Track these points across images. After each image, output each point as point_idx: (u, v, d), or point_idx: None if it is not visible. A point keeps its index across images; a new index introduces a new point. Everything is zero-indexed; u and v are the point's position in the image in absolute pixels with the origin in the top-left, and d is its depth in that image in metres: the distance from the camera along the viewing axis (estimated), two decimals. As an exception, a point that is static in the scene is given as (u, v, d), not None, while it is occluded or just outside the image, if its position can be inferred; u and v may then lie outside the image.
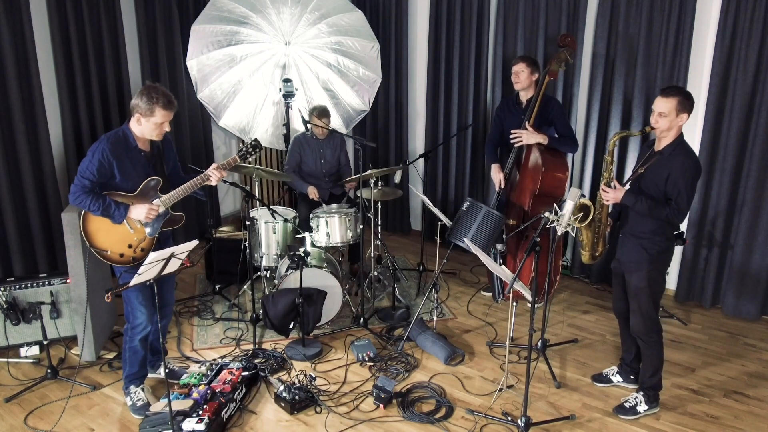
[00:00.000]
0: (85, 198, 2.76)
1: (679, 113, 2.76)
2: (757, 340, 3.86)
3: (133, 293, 2.94)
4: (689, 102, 2.76)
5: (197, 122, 5.35)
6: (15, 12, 3.80)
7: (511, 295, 3.14)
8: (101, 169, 2.76)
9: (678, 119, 2.77)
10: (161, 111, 2.73)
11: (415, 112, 5.63)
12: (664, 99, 2.76)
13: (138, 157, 2.87)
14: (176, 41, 4.99)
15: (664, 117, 2.77)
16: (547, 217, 2.76)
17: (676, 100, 2.74)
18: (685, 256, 4.26)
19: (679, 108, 2.75)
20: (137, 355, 3.08)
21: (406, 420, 3.00)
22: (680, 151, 2.79)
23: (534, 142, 3.85)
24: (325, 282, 3.81)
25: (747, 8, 3.68)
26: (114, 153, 2.77)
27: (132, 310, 3.00)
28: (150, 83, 2.80)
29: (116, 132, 2.85)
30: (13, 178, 3.95)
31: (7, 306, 3.38)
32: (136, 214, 2.87)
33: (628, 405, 3.08)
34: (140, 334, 3.03)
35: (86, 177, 2.76)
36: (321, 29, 5.00)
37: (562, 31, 4.39)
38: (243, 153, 3.12)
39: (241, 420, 3.02)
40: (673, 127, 2.79)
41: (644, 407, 3.06)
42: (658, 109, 2.78)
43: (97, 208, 2.79)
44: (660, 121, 2.78)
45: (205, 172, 2.97)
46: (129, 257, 2.95)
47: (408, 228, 5.97)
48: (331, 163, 4.70)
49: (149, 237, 2.97)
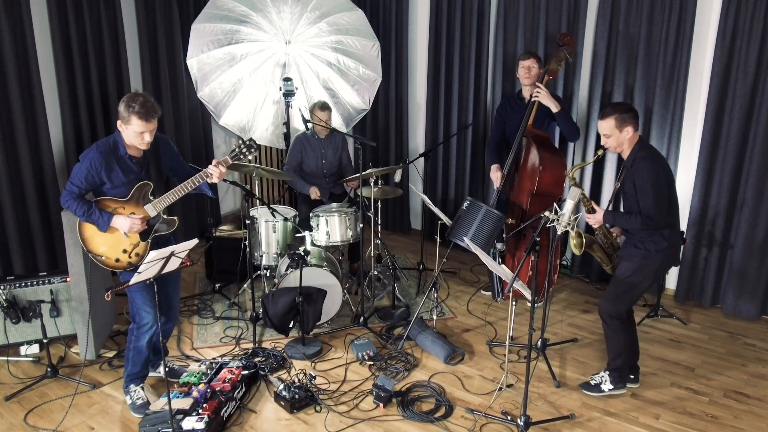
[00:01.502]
0: (72, 203, 2.82)
1: (621, 129, 2.88)
2: (756, 340, 3.86)
3: (137, 294, 2.94)
4: (628, 115, 2.88)
5: (197, 121, 5.35)
6: (15, 11, 3.80)
7: (510, 294, 3.14)
8: (89, 178, 2.80)
9: (623, 134, 2.89)
10: (137, 120, 2.69)
11: (416, 111, 5.63)
12: (601, 121, 2.93)
13: (128, 163, 2.86)
14: (176, 40, 4.99)
15: (608, 137, 2.93)
16: (546, 216, 2.76)
17: (613, 118, 2.88)
18: (685, 255, 4.26)
19: (618, 124, 2.88)
20: (141, 355, 3.08)
21: (405, 419, 3.00)
22: (639, 159, 2.88)
23: (548, 104, 3.84)
24: (325, 281, 3.81)
25: (747, 8, 3.68)
26: (102, 162, 2.78)
27: (137, 311, 3.00)
28: (136, 92, 2.79)
29: (107, 139, 2.85)
30: (13, 177, 3.95)
31: (7, 304, 3.38)
32: (119, 224, 2.86)
33: (593, 383, 3.22)
34: (147, 333, 3.02)
35: (75, 183, 2.81)
36: (321, 28, 5.00)
37: (563, 30, 4.38)
38: (236, 153, 3.00)
39: (241, 419, 3.02)
40: (623, 142, 2.92)
41: (609, 386, 3.17)
42: (601, 131, 2.95)
43: (81, 214, 2.82)
44: (607, 141, 2.95)
45: (203, 170, 2.92)
46: (125, 262, 2.94)
47: (408, 227, 5.97)
48: (333, 163, 4.70)
49: (143, 242, 2.95)
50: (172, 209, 3.04)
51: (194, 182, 2.92)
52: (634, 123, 2.90)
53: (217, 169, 2.91)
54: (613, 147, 2.97)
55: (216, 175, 2.92)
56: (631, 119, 2.88)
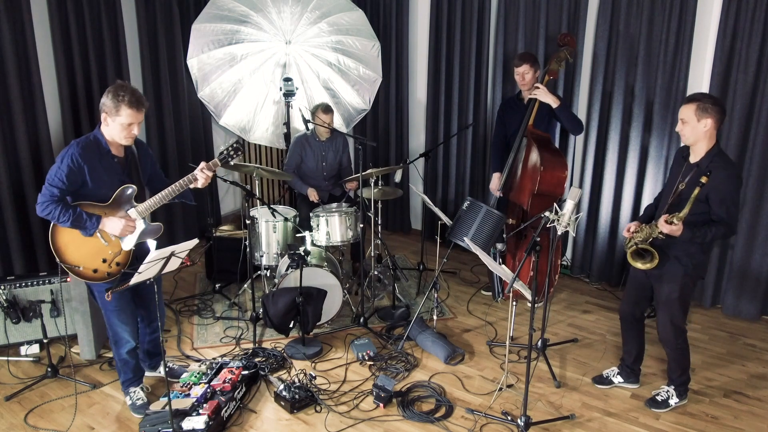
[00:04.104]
0: (54, 208, 2.57)
1: (700, 118, 2.68)
2: (757, 341, 3.86)
3: (113, 314, 2.85)
4: (713, 107, 2.66)
5: (197, 121, 5.36)
6: (15, 11, 3.80)
7: (511, 294, 3.14)
8: (71, 176, 2.58)
9: (701, 124, 2.69)
10: (127, 110, 2.57)
11: (416, 111, 5.63)
12: (683, 106, 2.74)
13: (111, 163, 2.70)
14: (177, 40, 4.99)
15: (684, 123, 2.73)
16: (547, 216, 2.76)
17: (695, 103, 2.68)
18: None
19: (699, 112, 2.67)
20: (128, 365, 3.06)
21: (405, 419, 3.00)
22: (721, 165, 2.68)
23: (547, 100, 3.82)
24: (325, 281, 3.81)
25: (748, 8, 3.68)
26: (85, 158, 2.60)
27: (111, 328, 2.92)
28: (120, 81, 2.65)
29: (87, 137, 2.68)
30: (13, 177, 3.95)
31: (8, 304, 3.38)
32: (110, 227, 2.69)
33: (660, 399, 3.12)
34: (125, 348, 2.99)
35: (55, 185, 2.58)
36: (321, 28, 5.00)
37: (563, 30, 4.38)
38: (224, 156, 2.86)
39: (241, 419, 3.02)
40: (699, 134, 2.71)
41: (675, 400, 3.11)
42: (680, 116, 2.76)
43: (66, 219, 2.59)
44: (683, 128, 2.75)
45: (190, 174, 2.79)
46: (103, 273, 2.75)
47: (408, 227, 5.97)
48: (333, 165, 4.70)
49: (125, 251, 2.78)
50: (156, 215, 2.90)
51: (181, 186, 2.77)
52: (716, 117, 2.67)
53: (203, 174, 2.77)
54: (687, 137, 2.75)
55: (201, 181, 2.79)
56: (714, 112, 2.66)
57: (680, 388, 3.12)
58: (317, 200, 4.49)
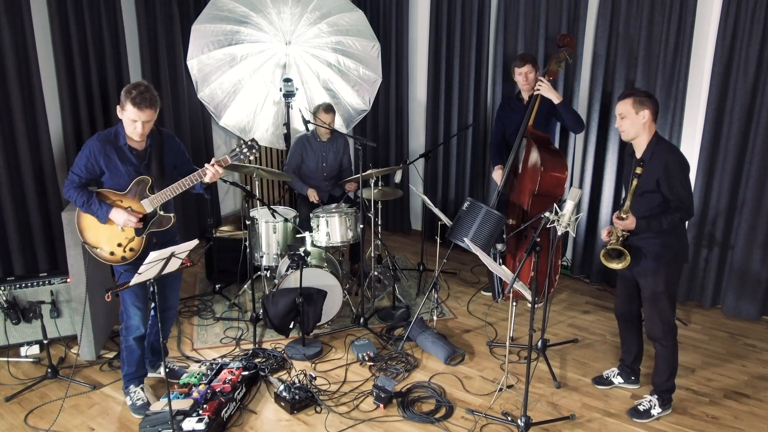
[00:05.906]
0: (73, 192, 2.84)
1: (638, 111, 2.75)
2: (757, 341, 3.86)
3: (128, 294, 2.92)
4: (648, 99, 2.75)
5: (197, 122, 5.36)
6: (15, 11, 3.80)
7: (511, 294, 3.14)
8: (89, 166, 2.82)
9: (639, 117, 2.76)
10: (130, 107, 2.68)
11: (416, 111, 5.63)
12: (619, 102, 2.82)
13: (127, 155, 2.85)
14: (176, 40, 4.99)
15: (623, 118, 2.80)
16: (547, 217, 2.76)
17: (631, 98, 2.77)
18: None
19: (636, 105, 2.75)
20: (134, 354, 3.07)
21: (406, 420, 3.00)
22: (661, 150, 2.76)
23: (550, 96, 3.83)
24: (325, 282, 3.81)
25: (748, 9, 3.68)
26: (101, 150, 2.80)
27: (125, 310, 2.98)
28: (140, 81, 2.78)
29: (109, 129, 2.87)
30: (13, 177, 3.94)
31: (8, 305, 3.38)
32: (115, 217, 2.85)
33: (643, 408, 3.03)
34: (133, 334, 3.02)
35: (75, 173, 2.84)
36: (321, 29, 5.00)
37: (563, 31, 4.38)
38: (236, 153, 2.95)
39: (241, 419, 3.02)
40: (639, 127, 2.78)
41: (658, 410, 3.02)
42: (617, 112, 2.84)
43: (81, 204, 2.83)
44: (622, 123, 2.82)
45: (201, 169, 2.88)
46: (119, 256, 2.92)
47: (408, 228, 5.97)
48: (333, 166, 4.70)
49: (138, 237, 2.93)
50: (169, 207, 2.99)
51: (191, 180, 2.88)
52: (652, 109, 2.75)
53: (212, 168, 2.86)
54: (627, 132, 2.81)
55: (210, 176, 2.87)
56: (650, 104, 2.74)
57: (664, 396, 3.03)
58: (317, 201, 4.49)
